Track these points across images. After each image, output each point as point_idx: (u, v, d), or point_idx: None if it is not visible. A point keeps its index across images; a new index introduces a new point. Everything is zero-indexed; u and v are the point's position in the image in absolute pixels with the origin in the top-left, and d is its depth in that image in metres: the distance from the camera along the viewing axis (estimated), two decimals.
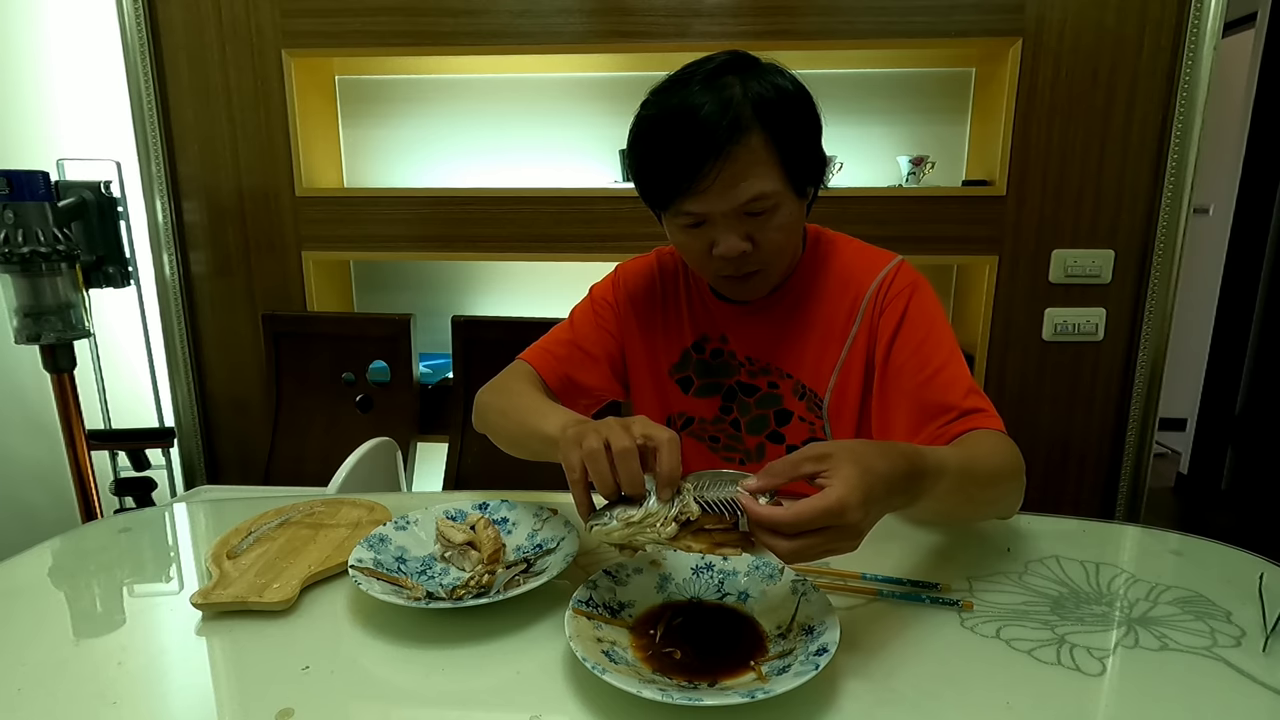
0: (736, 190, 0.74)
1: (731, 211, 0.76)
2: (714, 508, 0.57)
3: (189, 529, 0.89)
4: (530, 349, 0.95)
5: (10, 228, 1.31)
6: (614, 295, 0.97)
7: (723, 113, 0.72)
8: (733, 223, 0.77)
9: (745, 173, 0.74)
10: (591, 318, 0.97)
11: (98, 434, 1.78)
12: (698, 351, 0.94)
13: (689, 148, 0.73)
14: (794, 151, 0.76)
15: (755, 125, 0.73)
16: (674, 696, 0.50)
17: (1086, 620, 0.63)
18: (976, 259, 1.72)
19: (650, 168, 0.78)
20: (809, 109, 0.78)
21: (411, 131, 1.93)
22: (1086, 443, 1.77)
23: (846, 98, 1.82)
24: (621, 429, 0.60)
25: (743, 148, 0.73)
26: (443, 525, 0.74)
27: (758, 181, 0.74)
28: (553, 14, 1.66)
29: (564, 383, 0.93)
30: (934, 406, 0.80)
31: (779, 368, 0.91)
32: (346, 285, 2.03)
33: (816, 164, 0.81)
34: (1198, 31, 1.55)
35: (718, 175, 0.73)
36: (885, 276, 0.87)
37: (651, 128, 0.77)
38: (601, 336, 0.95)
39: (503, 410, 0.85)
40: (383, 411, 1.71)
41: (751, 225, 0.77)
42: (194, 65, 1.75)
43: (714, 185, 0.74)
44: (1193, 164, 1.59)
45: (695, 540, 0.57)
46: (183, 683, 0.57)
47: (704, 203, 0.75)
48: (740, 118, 0.73)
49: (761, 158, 0.74)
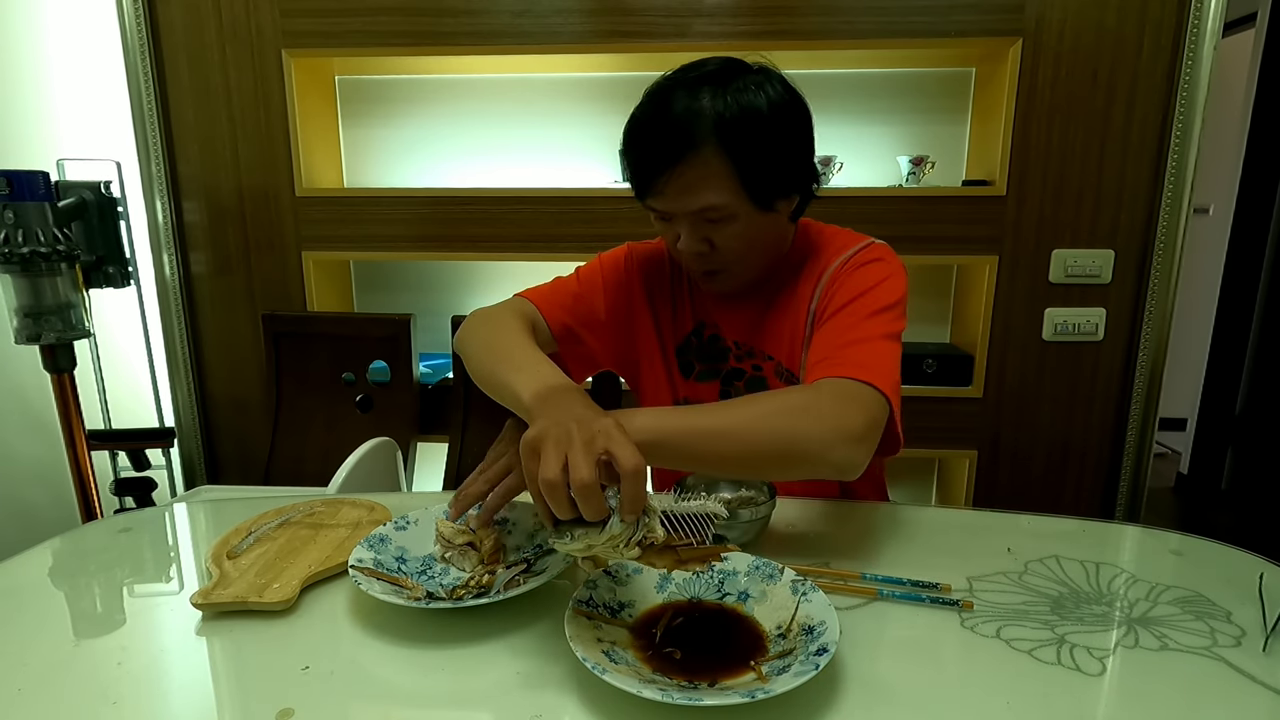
0: (688, 198, 0.78)
1: (686, 216, 0.80)
2: (681, 527, 0.55)
3: (189, 529, 0.89)
4: (533, 290, 0.95)
5: (10, 228, 1.31)
6: (625, 267, 0.97)
7: (685, 123, 0.76)
8: (691, 224, 0.81)
9: (697, 184, 0.77)
10: (600, 281, 0.96)
11: (98, 434, 1.78)
12: (697, 337, 0.97)
13: (652, 151, 0.78)
14: (753, 169, 0.77)
15: (712, 140, 0.76)
16: (674, 696, 0.50)
17: (1086, 620, 0.63)
18: (976, 259, 1.72)
19: (629, 163, 0.82)
20: (783, 126, 0.78)
21: (411, 131, 1.93)
22: (1086, 443, 1.77)
23: (846, 98, 1.82)
24: (583, 449, 0.53)
25: (697, 159, 0.76)
26: (443, 526, 0.74)
27: (708, 194, 0.78)
28: (552, 14, 1.66)
29: (565, 331, 0.92)
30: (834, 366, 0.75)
31: (762, 350, 0.93)
32: (346, 285, 2.03)
33: (789, 179, 0.81)
34: (1198, 31, 1.55)
35: (669, 181, 0.78)
36: (851, 255, 0.87)
37: (633, 126, 0.81)
38: (609, 299, 0.95)
39: (486, 343, 0.81)
40: (383, 411, 1.71)
41: (709, 229, 0.81)
42: (194, 65, 1.75)
43: (668, 190, 0.79)
44: (1193, 164, 1.59)
45: (659, 558, 0.57)
46: (183, 683, 0.57)
47: (663, 203, 0.80)
48: (696, 133, 0.76)
49: (714, 171, 0.77)
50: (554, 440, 0.54)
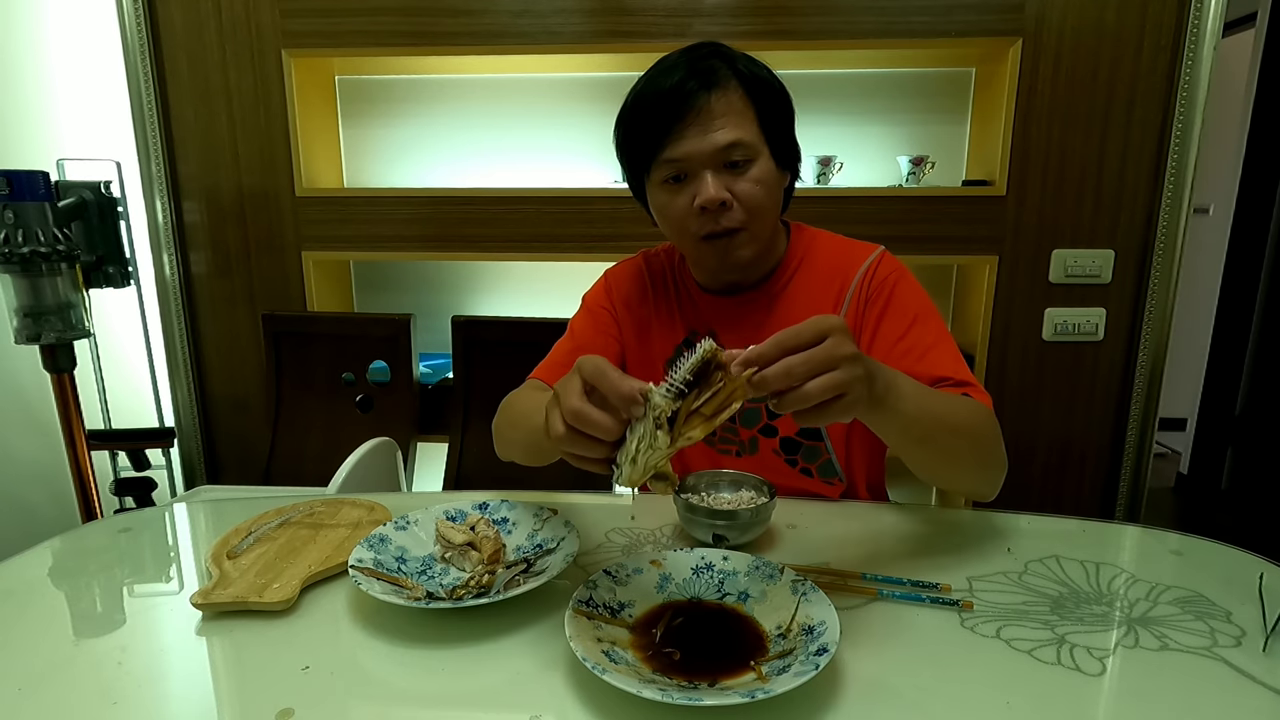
0: (714, 134, 0.79)
1: (710, 158, 0.79)
2: (686, 388, 0.55)
3: (189, 529, 0.89)
4: (537, 367, 0.97)
5: (10, 228, 1.31)
6: (607, 298, 1.00)
7: (706, 68, 0.79)
8: (712, 171, 0.80)
9: (723, 120, 0.79)
10: (589, 324, 0.98)
11: (98, 434, 1.78)
12: (689, 348, 0.95)
13: (668, 98, 0.79)
14: (771, 114, 0.81)
15: (733, 80, 0.79)
16: (674, 696, 0.50)
17: (1086, 620, 0.63)
18: (976, 259, 1.72)
19: (633, 129, 0.83)
20: (784, 93, 0.84)
21: (411, 131, 1.93)
22: (1086, 443, 1.77)
23: (846, 98, 1.82)
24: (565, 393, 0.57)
25: (720, 94, 0.79)
26: (443, 526, 0.74)
27: (734, 129, 0.79)
28: (552, 14, 1.66)
29: None
30: (928, 379, 0.80)
31: None
32: (346, 285, 2.03)
33: (793, 145, 0.86)
34: (1198, 31, 1.55)
35: (696, 117, 0.78)
36: (870, 265, 0.90)
37: (634, 100, 0.82)
38: (602, 340, 0.97)
39: (513, 423, 0.87)
40: (383, 411, 1.71)
41: (730, 178, 0.81)
42: (194, 65, 1.75)
43: (692, 128, 0.78)
44: (1193, 164, 1.59)
45: (687, 430, 0.56)
46: (183, 683, 0.57)
47: (682, 147, 0.79)
48: (718, 73, 0.79)
49: (738, 108, 0.79)
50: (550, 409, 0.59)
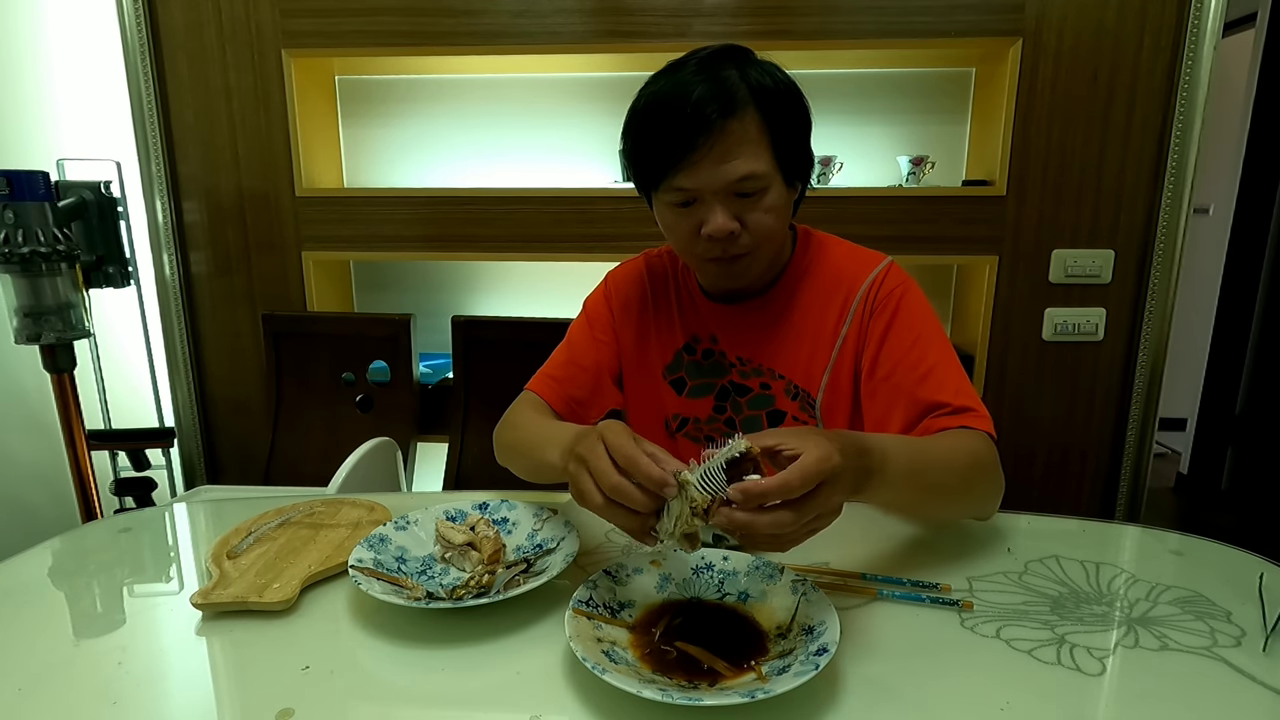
0: (728, 167, 0.75)
1: (721, 189, 0.77)
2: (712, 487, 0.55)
3: (189, 529, 0.89)
4: (534, 377, 0.96)
5: (10, 228, 1.31)
6: (606, 304, 0.98)
7: (719, 91, 0.74)
8: (722, 201, 0.77)
9: (737, 150, 0.75)
10: (587, 332, 0.98)
11: (98, 434, 1.78)
12: (689, 353, 0.95)
13: (683, 122, 0.74)
14: (786, 138, 0.78)
15: (750, 105, 0.75)
16: (674, 696, 0.50)
17: (1086, 620, 0.63)
18: (976, 259, 1.72)
19: (644, 145, 0.79)
20: (802, 104, 0.80)
21: (411, 131, 1.93)
22: (1086, 443, 1.77)
23: (846, 98, 1.82)
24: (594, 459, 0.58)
25: (736, 124, 0.74)
26: (443, 526, 0.74)
27: (749, 161, 0.75)
28: (552, 14, 1.66)
29: (569, 403, 0.94)
30: (926, 404, 0.80)
31: (770, 369, 0.91)
32: (346, 285, 2.03)
33: (806, 159, 0.83)
34: (1198, 31, 1.55)
35: (710, 149, 0.74)
36: (876, 278, 0.88)
37: (646, 107, 0.78)
38: (599, 349, 0.96)
39: (514, 446, 0.88)
40: (383, 411, 1.71)
41: (740, 206, 0.78)
42: (194, 65, 1.75)
43: (706, 160, 0.75)
44: (1193, 164, 1.59)
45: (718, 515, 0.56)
46: (183, 683, 0.57)
47: (694, 177, 0.76)
48: (735, 96, 0.74)
49: (754, 137, 0.75)
50: (579, 473, 0.60)
